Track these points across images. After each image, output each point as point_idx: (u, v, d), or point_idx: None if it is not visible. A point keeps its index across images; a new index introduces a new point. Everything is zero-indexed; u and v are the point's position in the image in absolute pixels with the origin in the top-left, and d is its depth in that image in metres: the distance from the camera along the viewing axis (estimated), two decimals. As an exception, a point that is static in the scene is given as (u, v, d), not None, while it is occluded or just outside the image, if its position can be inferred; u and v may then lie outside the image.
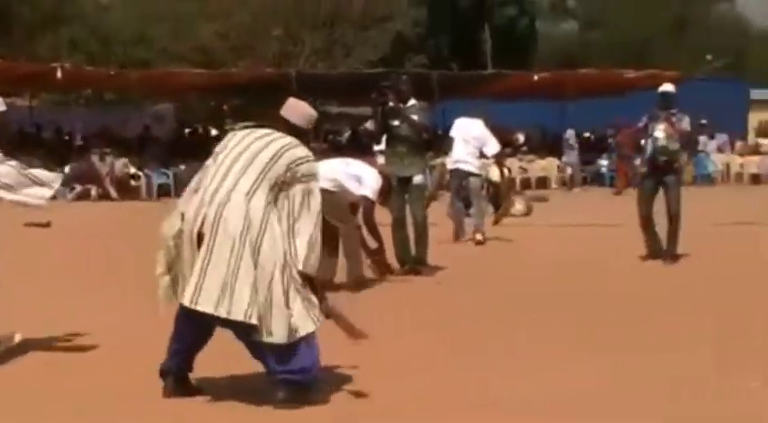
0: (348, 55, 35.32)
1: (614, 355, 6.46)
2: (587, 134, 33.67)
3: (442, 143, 14.12)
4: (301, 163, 5.29)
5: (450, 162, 13.86)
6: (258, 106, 38.39)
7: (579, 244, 13.65)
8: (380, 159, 11.47)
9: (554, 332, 7.27)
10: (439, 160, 16.52)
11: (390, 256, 10.23)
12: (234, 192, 5.14)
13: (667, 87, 11.66)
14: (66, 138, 29.42)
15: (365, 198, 9.31)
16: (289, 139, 5.36)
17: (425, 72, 31.83)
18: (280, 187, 5.20)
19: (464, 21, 43.04)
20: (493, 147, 13.71)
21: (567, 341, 6.92)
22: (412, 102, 10.56)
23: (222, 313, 5.00)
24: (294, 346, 5.13)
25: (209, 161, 5.44)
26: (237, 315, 4.98)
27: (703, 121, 30.41)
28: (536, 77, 30.54)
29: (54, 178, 6.53)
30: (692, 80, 32.17)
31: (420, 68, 36.20)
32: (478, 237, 13.39)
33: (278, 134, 5.40)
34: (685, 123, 11.48)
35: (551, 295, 9.05)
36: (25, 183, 6.32)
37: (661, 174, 11.33)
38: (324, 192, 5.79)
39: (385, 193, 9.51)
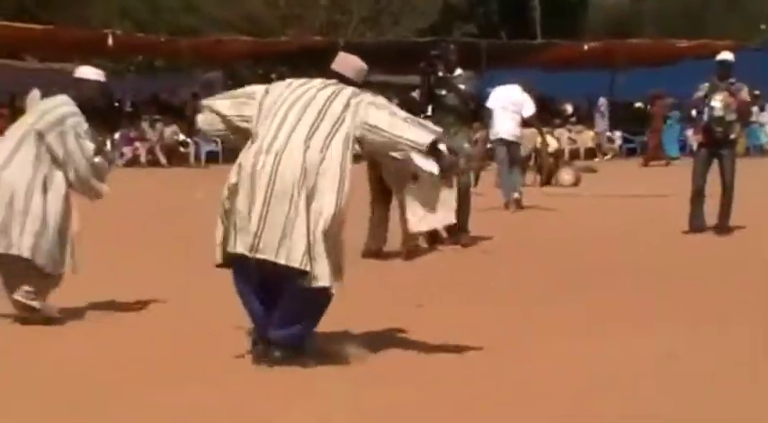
0: (396, 23, 35.13)
1: (666, 328, 6.42)
2: (638, 104, 33.30)
3: (486, 114, 14.18)
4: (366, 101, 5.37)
5: (493, 133, 14.15)
6: (305, 75, 38.49)
7: (624, 215, 13.57)
8: None
9: (597, 304, 7.24)
10: (480, 133, 16.46)
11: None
12: (290, 140, 5.19)
13: (726, 55, 11.33)
14: (117, 105, 29.61)
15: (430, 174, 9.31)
16: (351, 89, 5.42)
17: (474, 41, 31.60)
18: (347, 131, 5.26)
19: (513, -12, 42.61)
20: (529, 109, 13.97)
21: (614, 314, 6.89)
22: (458, 71, 10.48)
23: (282, 260, 5.11)
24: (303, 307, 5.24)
25: (249, 99, 5.48)
26: (294, 262, 5.08)
27: (756, 92, 29.93)
28: (586, 47, 30.22)
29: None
30: (746, 50, 31.66)
31: (468, 37, 35.95)
32: (516, 195, 13.99)
33: (335, 83, 5.44)
34: (744, 93, 11.26)
35: (592, 267, 9.00)
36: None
37: (716, 145, 11.14)
38: (388, 157, 5.80)
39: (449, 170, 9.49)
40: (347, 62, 5.66)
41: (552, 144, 18.90)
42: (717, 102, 11.00)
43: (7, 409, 4.68)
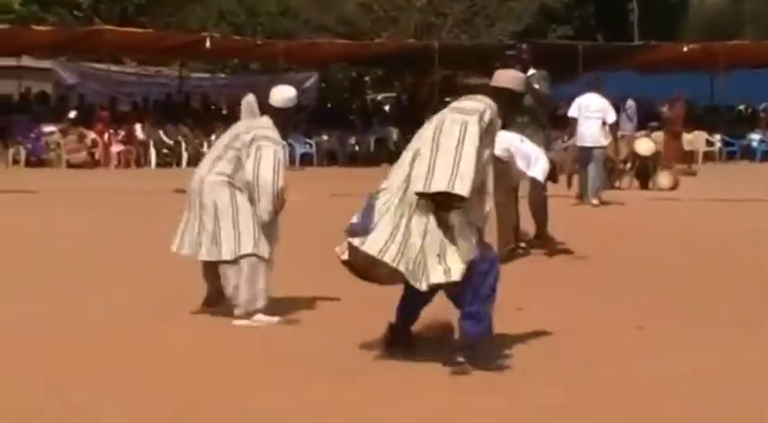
0: (491, 26, 34.93)
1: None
2: (741, 107, 32.63)
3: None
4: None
5: (579, 140, 15.05)
6: (399, 77, 38.67)
7: (726, 219, 13.28)
8: None
9: (708, 312, 7.08)
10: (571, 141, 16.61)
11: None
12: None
13: None
14: (213, 107, 30.07)
15: (534, 180, 9.31)
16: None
17: (570, 43, 31.28)
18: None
19: (611, -9, 42.07)
20: (611, 116, 15.07)
21: (727, 322, 6.73)
22: (532, 71, 10.26)
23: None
24: None
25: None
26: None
27: None
28: (686, 49, 29.65)
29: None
30: None
31: (565, 40, 35.59)
32: (595, 201, 14.71)
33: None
34: None
35: (698, 273, 8.81)
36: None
37: None
38: (494, 159, 5.82)
39: (551, 179, 9.48)
40: (508, 75, 5.89)
41: (649, 147, 18.62)
42: None
43: (126, 404, 4.76)
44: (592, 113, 14.74)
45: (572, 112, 14.82)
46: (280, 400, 4.93)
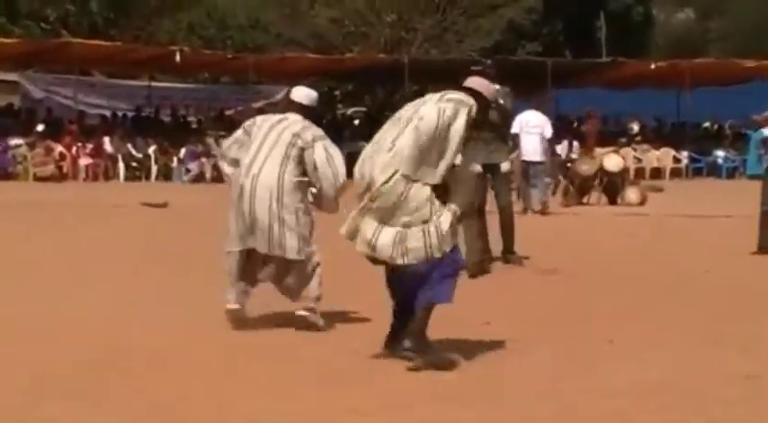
0: (460, 41, 35.12)
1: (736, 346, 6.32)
2: (706, 124, 32.96)
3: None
4: None
5: (523, 154, 16.08)
6: (370, 91, 38.75)
7: (689, 235, 13.40)
8: None
9: (667, 322, 7.14)
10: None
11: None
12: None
13: None
14: (183, 120, 30.00)
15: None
16: None
17: (539, 59, 31.50)
18: None
19: (578, 8, 42.35)
20: (548, 131, 16.16)
21: (682, 333, 6.79)
22: (496, 86, 10.26)
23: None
24: None
25: None
26: None
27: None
28: (653, 66, 29.94)
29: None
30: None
31: (533, 56, 35.82)
32: (541, 207, 16.10)
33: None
34: None
35: (659, 286, 8.88)
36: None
37: None
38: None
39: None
40: (480, 82, 6.15)
41: (618, 163, 18.82)
42: None
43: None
44: (531, 129, 15.90)
45: (514, 128, 14.93)
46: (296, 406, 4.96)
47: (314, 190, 6.77)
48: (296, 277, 6.69)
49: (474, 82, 6.04)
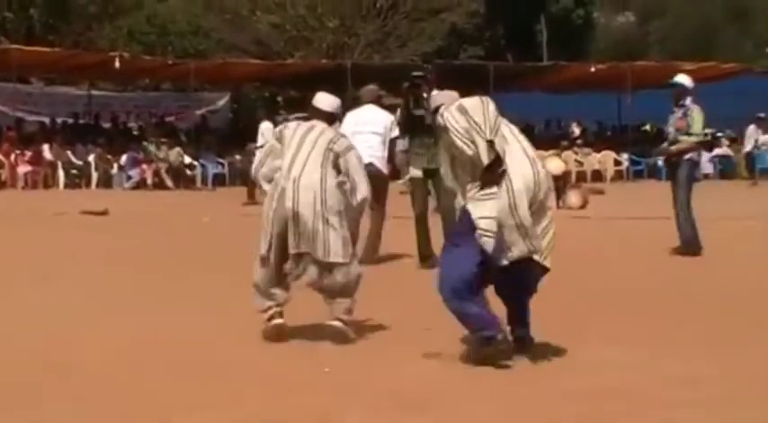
0: (403, 46, 35.20)
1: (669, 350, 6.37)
2: (647, 127, 33.31)
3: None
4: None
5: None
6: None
7: (636, 236, 13.54)
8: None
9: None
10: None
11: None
12: None
13: (677, 78, 11.57)
14: (123, 127, 29.73)
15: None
16: None
17: (481, 63, 31.66)
18: None
19: (520, 12, 42.69)
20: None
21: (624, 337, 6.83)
22: (435, 91, 10.30)
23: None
24: None
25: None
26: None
27: (761, 115, 29.89)
28: (593, 69, 30.21)
29: None
30: (752, 73, 31.67)
31: (475, 60, 35.99)
32: None
33: None
34: (690, 117, 11.28)
35: (598, 288, 8.94)
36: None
37: (673, 166, 11.47)
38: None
39: None
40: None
41: (559, 166, 18.95)
42: (671, 125, 11.43)
43: None
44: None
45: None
46: None
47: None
48: (337, 279, 6.58)
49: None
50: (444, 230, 10.19)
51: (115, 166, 25.63)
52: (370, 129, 10.55)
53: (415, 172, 10.12)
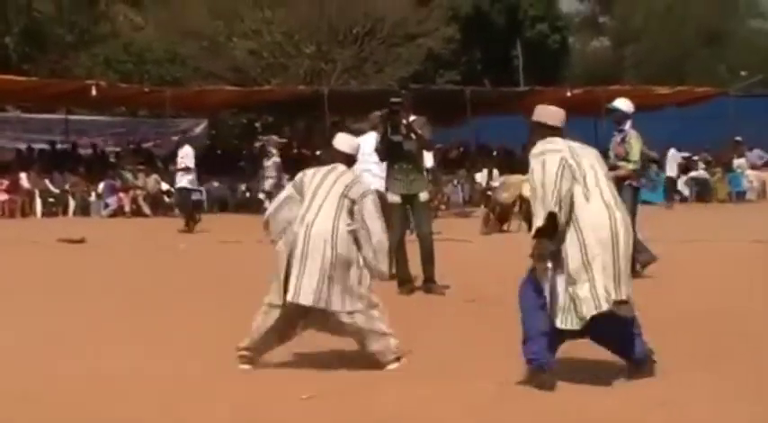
0: (379, 71, 35.33)
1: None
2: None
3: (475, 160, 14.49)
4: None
5: None
6: (290, 123, 38.69)
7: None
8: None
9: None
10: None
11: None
12: None
13: (615, 103, 11.66)
14: (101, 154, 29.65)
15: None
16: None
17: (458, 88, 31.80)
18: None
19: (496, 37, 42.97)
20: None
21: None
22: (413, 117, 10.33)
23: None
24: None
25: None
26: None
27: (738, 138, 30.15)
28: (569, 93, 30.37)
29: None
30: (727, 96, 31.92)
31: (452, 84, 36.16)
32: None
33: None
34: (628, 144, 11.31)
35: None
36: None
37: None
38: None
39: None
40: (549, 111, 6.43)
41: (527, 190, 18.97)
42: (611, 151, 11.36)
43: None
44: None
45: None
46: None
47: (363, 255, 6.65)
48: (345, 329, 6.55)
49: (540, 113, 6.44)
50: (422, 257, 10.27)
51: (93, 193, 25.54)
52: (374, 159, 10.54)
53: (394, 197, 10.12)
